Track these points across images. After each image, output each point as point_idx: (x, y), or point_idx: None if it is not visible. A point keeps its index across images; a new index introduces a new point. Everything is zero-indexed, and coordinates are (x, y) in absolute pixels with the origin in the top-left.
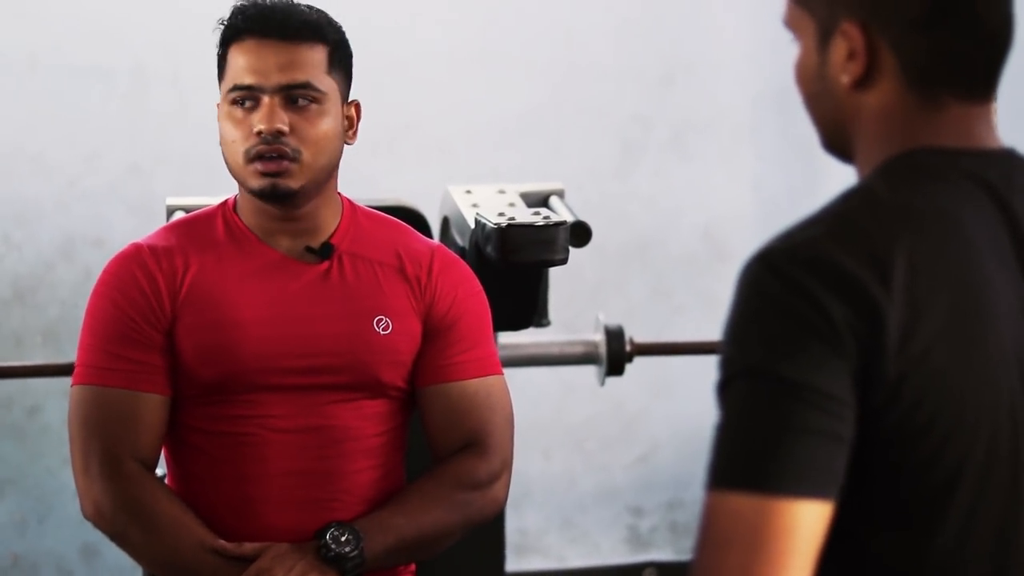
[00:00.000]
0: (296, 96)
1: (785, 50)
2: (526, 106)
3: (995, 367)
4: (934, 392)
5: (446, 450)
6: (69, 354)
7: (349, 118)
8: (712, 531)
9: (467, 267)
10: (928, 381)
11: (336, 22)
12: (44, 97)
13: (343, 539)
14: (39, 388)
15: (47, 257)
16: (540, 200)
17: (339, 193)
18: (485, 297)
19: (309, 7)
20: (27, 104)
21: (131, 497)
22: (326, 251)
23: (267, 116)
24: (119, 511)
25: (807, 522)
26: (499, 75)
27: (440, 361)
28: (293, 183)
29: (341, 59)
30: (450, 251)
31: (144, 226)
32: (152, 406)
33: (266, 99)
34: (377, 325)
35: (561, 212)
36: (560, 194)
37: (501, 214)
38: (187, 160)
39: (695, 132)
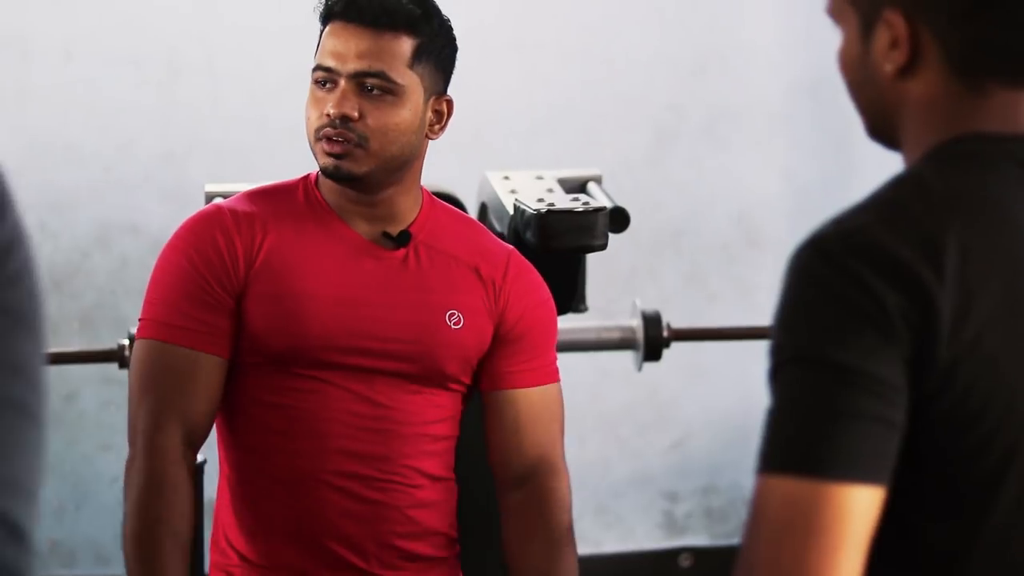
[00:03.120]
0: (370, 84)
1: (819, 39)
2: (560, 95)
3: None
4: (986, 378)
5: (509, 455)
6: (105, 341)
7: (438, 112)
8: (764, 516)
9: (538, 274)
10: (980, 367)
11: (440, 15)
12: (78, 86)
13: None
14: (75, 375)
15: (82, 245)
16: (578, 186)
17: (422, 187)
18: (554, 305)
19: None
20: (61, 93)
21: (153, 470)
22: (403, 239)
23: (338, 101)
24: (135, 475)
25: (860, 507)
26: (533, 64)
27: (506, 368)
28: (356, 168)
29: (433, 53)
30: (523, 256)
31: (179, 213)
32: (210, 368)
33: (342, 83)
34: (449, 319)
35: (599, 198)
36: (598, 180)
37: (540, 200)
38: (221, 148)
39: (728, 120)
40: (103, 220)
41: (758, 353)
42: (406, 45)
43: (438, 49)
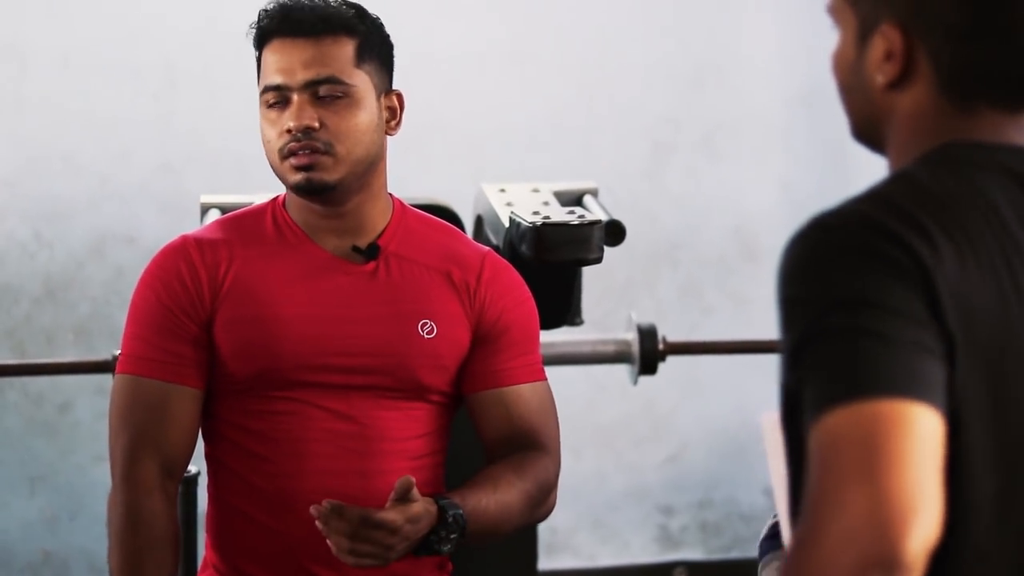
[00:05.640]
0: (323, 92)
1: (816, 51)
2: (557, 106)
3: None
4: (977, 373)
5: (503, 450)
6: (100, 351)
7: (391, 108)
8: (829, 446)
9: (516, 273)
10: (971, 361)
11: (369, 13)
12: (75, 96)
13: (451, 536)
14: (70, 385)
15: (78, 255)
16: (574, 199)
17: (391, 195)
18: (534, 303)
19: (329, 2)
20: (59, 103)
21: (130, 503)
22: (372, 252)
23: (296, 114)
24: (114, 508)
25: (919, 423)
26: (530, 75)
27: (493, 367)
28: (328, 176)
29: (374, 50)
30: (500, 257)
31: (175, 224)
32: (183, 399)
33: (295, 97)
34: (421, 329)
35: (595, 211)
36: (594, 193)
37: (536, 213)
38: (218, 158)
39: (725, 133)
40: (99, 230)
41: (754, 367)
42: (348, 46)
43: (377, 46)
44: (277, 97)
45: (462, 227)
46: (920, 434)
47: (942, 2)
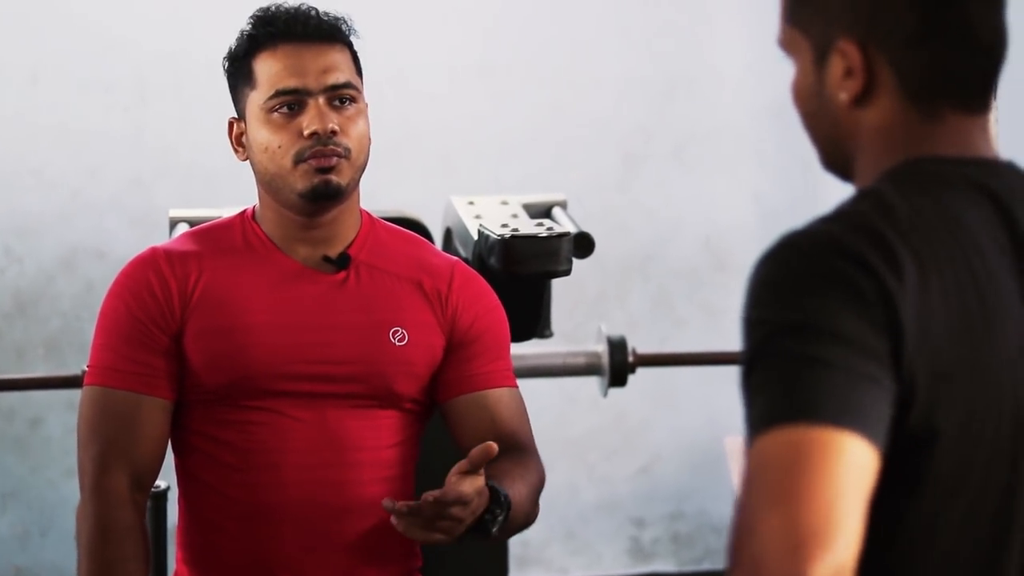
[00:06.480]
0: (341, 96)
1: (787, 63)
2: (528, 118)
3: (1000, 372)
4: (943, 397)
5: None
6: (71, 366)
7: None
8: (754, 468)
9: (485, 282)
10: (936, 385)
11: None
12: (46, 111)
13: (500, 518)
14: (41, 400)
15: (49, 269)
16: (543, 211)
17: (360, 207)
18: (503, 311)
19: (325, 11)
20: (29, 117)
21: (101, 515)
22: (343, 261)
23: (320, 118)
24: (84, 520)
25: (846, 452)
26: (501, 87)
27: (470, 371)
28: (342, 180)
29: (358, 62)
30: (468, 266)
31: (145, 238)
32: (153, 410)
33: (312, 101)
34: (393, 336)
35: (564, 223)
36: (563, 205)
37: (504, 225)
38: (188, 173)
39: (697, 144)
40: (69, 245)
41: (726, 378)
42: (348, 55)
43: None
44: (291, 100)
45: (431, 240)
46: (845, 463)
47: (893, 8)
